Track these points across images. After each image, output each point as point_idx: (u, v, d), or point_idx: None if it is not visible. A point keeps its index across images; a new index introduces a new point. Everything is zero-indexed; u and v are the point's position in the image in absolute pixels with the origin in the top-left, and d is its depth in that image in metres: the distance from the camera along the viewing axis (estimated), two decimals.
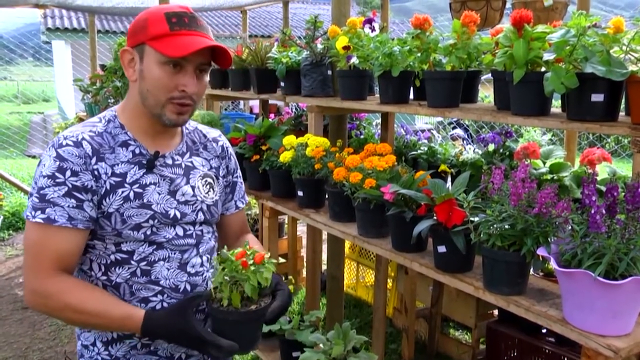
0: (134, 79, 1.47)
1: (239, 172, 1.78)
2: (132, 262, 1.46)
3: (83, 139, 1.41)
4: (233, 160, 1.75)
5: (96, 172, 1.41)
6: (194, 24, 1.43)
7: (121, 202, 1.42)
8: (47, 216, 1.35)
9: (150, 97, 1.44)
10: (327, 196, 2.53)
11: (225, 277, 1.40)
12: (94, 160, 1.41)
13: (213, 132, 1.73)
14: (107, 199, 1.41)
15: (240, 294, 1.39)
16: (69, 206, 1.37)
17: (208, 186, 1.61)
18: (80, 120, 6.30)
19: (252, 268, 1.38)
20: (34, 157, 11.03)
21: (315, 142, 2.53)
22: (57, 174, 1.36)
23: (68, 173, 1.37)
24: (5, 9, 6.82)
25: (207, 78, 1.51)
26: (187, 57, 1.40)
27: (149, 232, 1.46)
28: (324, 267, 4.05)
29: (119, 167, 1.44)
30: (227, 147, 1.73)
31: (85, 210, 1.39)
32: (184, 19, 1.42)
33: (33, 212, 1.36)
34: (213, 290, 1.42)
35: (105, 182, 1.42)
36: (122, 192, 1.43)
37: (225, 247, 1.46)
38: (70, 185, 1.37)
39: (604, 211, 1.41)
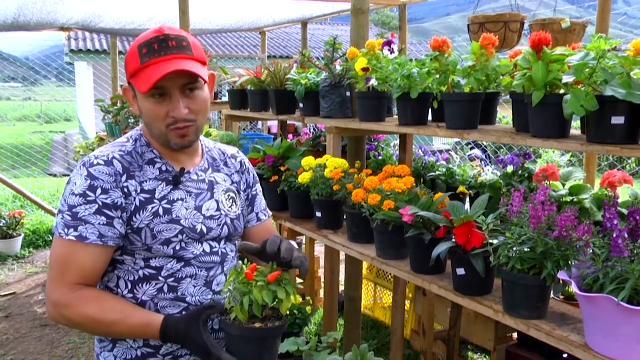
0: (138, 113, 1.52)
1: (259, 187, 1.81)
2: (160, 278, 1.48)
3: (114, 157, 1.45)
4: (252, 174, 1.78)
5: (126, 190, 1.44)
6: (163, 48, 1.41)
7: (151, 217, 1.46)
8: (80, 234, 1.39)
9: (152, 129, 1.49)
10: (345, 217, 2.53)
11: (230, 287, 1.40)
12: (124, 178, 1.45)
13: (231, 149, 1.77)
14: (138, 215, 1.45)
15: (247, 311, 1.38)
16: (99, 224, 1.40)
17: (231, 200, 1.65)
18: (101, 140, 6.40)
19: (260, 283, 1.37)
20: (55, 175, 11.19)
21: (333, 164, 2.54)
22: (88, 192, 1.40)
23: (99, 191, 1.41)
24: (32, 33, 7.00)
25: (203, 92, 1.49)
26: (165, 85, 1.40)
27: (178, 248, 1.49)
28: (342, 288, 4.04)
29: (147, 184, 1.48)
30: (245, 162, 1.77)
31: (115, 227, 1.42)
32: (154, 46, 1.41)
33: (66, 230, 1.40)
34: (226, 302, 1.43)
35: (135, 199, 1.45)
36: (152, 208, 1.46)
37: (245, 261, 1.47)
38: (100, 203, 1.41)
39: (626, 235, 1.39)
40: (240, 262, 1.45)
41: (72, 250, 1.40)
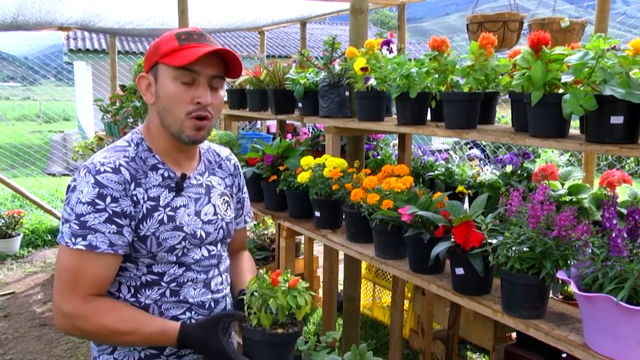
0: (152, 102, 1.50)
1: (246, 188, 1.85)
2: (162, 284, 1.49)
3: (120, 165, 1.43)
4: (242, 176, 1.81)
5: (135, 198, 1.44)
6: (203, 39, 1.47)
7: (157, 225, 1.45)
8: (89, 243, 1.37)
9: (168, 115, 1.46)
10: (344, 217, 2.53)
11: (255, 293, 1.43)
12: (132, 186, 1.44)
13: (224, 151, 1.78)
14: (145, 223, 1.44)
15: (271, 316, 1.42)
16: (109, 232, 1.38)
17: (226, 204, 1.66)
18: (100, 139, 6.39)
19: (283, 288, 1.41)
20: (53, 175, 11.18)
21: (332, 163, 2.54)
22: (97, 200, 1.38)
23: (108, 199, 1.39)
24: (31, 32, 7.00)
25: (222, 92, 1.52)
26: (198, 69, 1.43)
27: (180, 254, 1.50)
28: (341, 287, 4.04)
29: (152, 191, 1.47)
30: (237, 165, 1.79)
31: (124, 235, 1.41)
32: (193, 36, 1.47)
33: (73, 239, 1.37)
34: (246, 310, 1.46)
35: (142, 206, 1.44)
36: (158, 215, 1.46)
37: (263, 270, 1.49)
38: (110, 212, 1.39)
39: (625, 234, 1.39)
40: (261, 270, 1.48)
41: (83, 260, 1.38)
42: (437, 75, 2.14)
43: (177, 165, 1.55)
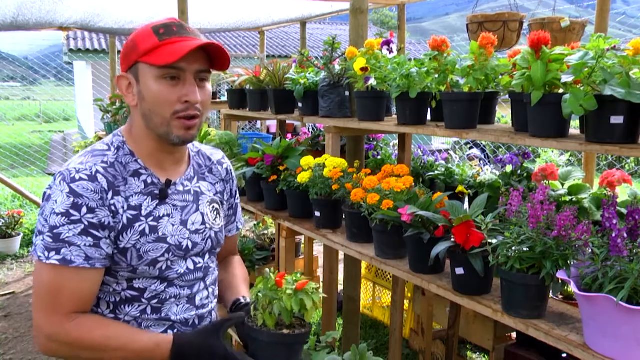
0: (134, 104, 1.38)
1: (238, 194, 1.75)
2: (143, 300, 1.40)
3: (97, 172, 1.32)
4: (235, 181, 1.70)
5: (113, 208, 1.33)
6: (183, 31, 1.35)
7: (138, 237, 1.35)
8: (63, 257, 1.27)
9: (154, 117, 1.35)
10: (344, 217, 2.53)
11: (260, 294, 1.40)
12: (110, 194, 1.33)
13: (217, 154, 1.66)
14: (125, 235, 1.34)
15: (276, 317, 1.39)
16: (85, 245, 1.28)
17: (215, 212, 1.55)
18: (99, 139, 6.38)
19: (289, 292, 1.38)
20: (53, 175, 11.18)
21: (332, 163, 2.54)
22: (71, 211, 1.27)
23: (84, 210, 1.28)
24: (31, 32, 7.00)
25: (210, 86, 1.41)
26: (183, 66, 1.32)
27: (164, 267, 1.40)
28: (341, 287, 4.04)
29: (133, 199, 1.37)
30: (230, 170, 1.67)
31: (102, 248, 1.31)
32: (172, 28, 1.34)
33: (47, 253, 1.27)
34: (252, 309, 1.43)
35: (122, 216, 1.34)
36: (139, 226, 1.36)
37: (271, 269, 1.46)
38: (86, 223, 1.28)
39: (625, 234, 1.39)
40: (267, 270, 1.45)
41: (60, 276, 1.28)
42: (437, 75, 2.15)
43: (161, 170, 1.44)
